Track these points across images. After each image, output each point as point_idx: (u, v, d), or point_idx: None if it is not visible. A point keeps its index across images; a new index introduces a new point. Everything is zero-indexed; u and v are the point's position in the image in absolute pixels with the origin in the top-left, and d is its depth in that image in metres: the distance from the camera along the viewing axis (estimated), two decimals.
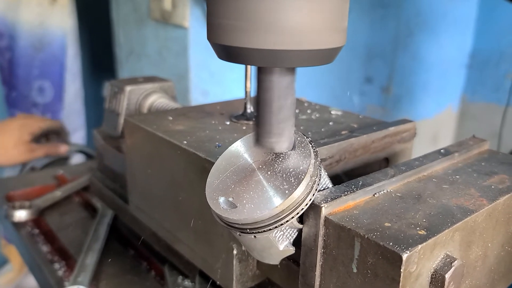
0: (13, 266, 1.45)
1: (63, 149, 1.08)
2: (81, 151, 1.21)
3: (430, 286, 0.35)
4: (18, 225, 0.82)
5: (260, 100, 0.36)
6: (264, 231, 0.37)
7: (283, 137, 0.37)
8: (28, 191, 0.94)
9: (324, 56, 0.34)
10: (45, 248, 0.76)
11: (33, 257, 0.74)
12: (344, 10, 0.34)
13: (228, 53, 0.34)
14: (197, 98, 1.34)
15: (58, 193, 0.91)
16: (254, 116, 0.38)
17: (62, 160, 1.12)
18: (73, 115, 1.69)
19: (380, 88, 1.79)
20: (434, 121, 1.83)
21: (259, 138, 0.37)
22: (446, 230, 0.36)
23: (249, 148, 0.41)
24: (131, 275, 0.69)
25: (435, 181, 0.45)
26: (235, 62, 0.34)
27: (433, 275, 0.35)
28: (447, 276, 0.35)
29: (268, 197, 0.37)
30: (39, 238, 0.79)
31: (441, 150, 0.51)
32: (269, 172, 0.38)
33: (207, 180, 0.41)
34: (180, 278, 0.65)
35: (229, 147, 0.42)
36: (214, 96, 1.34)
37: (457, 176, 0.46)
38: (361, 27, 1.71)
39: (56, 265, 0.72)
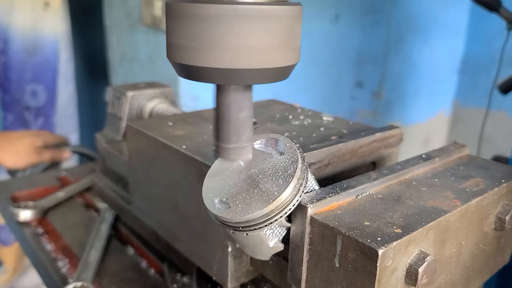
0: (7, 268, 1.48)
1: (66, 155, 1.15)
2: (82, 153, 1.24)
3: (405, 279, 0.39)
4: (23, 225, 0.85)
5: (218, 114, 0.38)
6: (255, 229, 0.41)
7: (242, 149, 0.39)
8: (32, 192, 0.98)
9: (279, 74, 0.36)
10: (49, 246, 0.80)
11: (38, 255, 0.78)
12: (297, 31, 0.36)
13: (187, 71, 0.36)
14: (187, 103, 1.38)
15: (61, 194, 0.94)
16: (213, 129, 0.39)
17: (56, 165, 1.18)
18: (66, 119, 1.71)
19: (371, 93, 1.83)
20: (426, 125, 1.86)
21: (219, 150, 0.39)
22: (420, 229, 0.39)
23: None
24: (132, 273, 0.73)
25: (415, 184, 0.49)
26: (194, 80, 0.36)
27: (408, 269, 0.39)
28: (420, 270, 0.38)
29: (258, 198, 0.40)
30: (43, 237, 0.83)
31: (423, 155, 0.55)
32: (260, 175, 0.42)
33: (204, 182, 0.44)
34: (178, 275, 0.68)
35: None
36: (203, 101, 1.38)
37: (436, 180, 0.50)
38: (352, 32, 1.75)
39: (60, 263, 0.75)
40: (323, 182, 0.47)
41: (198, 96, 1.39)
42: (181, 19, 0.34)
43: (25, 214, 0.86)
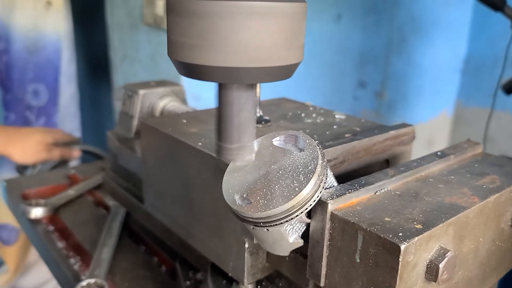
0: (9, 268, 1.48)
1: (76, 153, 1.16)
2: (91, 152, 1.24)
3: (425, 274, 0.39)
4: (35, 222, 0.86)
5: (220, 114, 0.37)
6: (276, 224, 0.41)
7: (244, 149, 0.38)
8: (42, 190, 0.98)
9: (282, 72, 0.35)
10: (60, 244, 0.80)
11: (50, 252, 0.78)
12: (301, 29, 0.35)
13: (188, 70, 0.35)
14: (189, 102, 1.37)
15: (71, 192, 0.95)
16: (215, 129, 0.39)
17: (64, 163, 1.20)
18: (68, 118, 1.71)
19: (374, 93, 1.83)
20: (429, 126, 1.87)
21: (221, 150, 0.38)
22: (440, 225, 0.40)
23: (262, 149, 0.45)
24: (143, 270, 0.73)
25: (431, 181, 0.49)
26: (195, 78, 0.35)
27: (428, 264, 0.39)
28: (441, 265, 0.39)
29: (279, 194, 0.41)
30: (55, 235, 0.83)
31: (438, 153, 0.55)
32: (280, 171, 0.42)
33: (224, 178, 0.45)
34: (191, 272, 0.69)
35: None
36: (206, 100, 1.38)
37: (452, 177, 0.50)
38: (354, 32, 1.75)
39: (72, 260, 0.76)
40: (338, 179, 0.47)
41: (200, 95, 1.39)
42: (183, 16, 0.33)
43: (36, 212, 0.86)
